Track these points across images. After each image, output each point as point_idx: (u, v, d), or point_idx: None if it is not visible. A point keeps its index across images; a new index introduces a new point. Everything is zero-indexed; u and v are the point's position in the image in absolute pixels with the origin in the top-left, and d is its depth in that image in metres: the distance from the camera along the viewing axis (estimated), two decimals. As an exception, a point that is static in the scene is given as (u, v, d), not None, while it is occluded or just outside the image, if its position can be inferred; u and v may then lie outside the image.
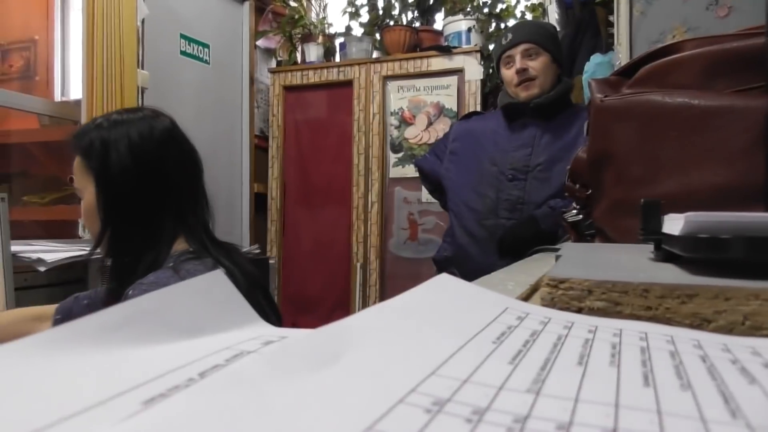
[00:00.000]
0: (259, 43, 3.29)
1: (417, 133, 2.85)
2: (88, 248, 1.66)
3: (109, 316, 0.20)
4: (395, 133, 2.89)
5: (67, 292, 1.27)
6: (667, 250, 0.39)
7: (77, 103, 2.33)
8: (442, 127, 2.79)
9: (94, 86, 2.17)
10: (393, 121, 2.90)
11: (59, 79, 2.57)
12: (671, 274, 0.31)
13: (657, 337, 0.24)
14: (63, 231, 2.29)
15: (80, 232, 2.21)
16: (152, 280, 0.93)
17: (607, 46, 2.23)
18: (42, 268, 1.49)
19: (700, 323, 0.27)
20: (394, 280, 2.85)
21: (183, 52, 2.81)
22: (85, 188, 1.04)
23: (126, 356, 0.19)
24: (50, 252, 1.57)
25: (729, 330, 0.27)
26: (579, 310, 0.29)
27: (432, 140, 2.79)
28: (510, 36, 1.75)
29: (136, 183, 1.00)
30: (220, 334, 0.22)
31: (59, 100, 2.54)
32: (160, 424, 0.13)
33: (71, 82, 2.57)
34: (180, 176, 1.05)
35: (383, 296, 2.83)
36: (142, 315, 0.21)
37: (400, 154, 2.88)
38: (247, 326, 0.24)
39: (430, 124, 2.83)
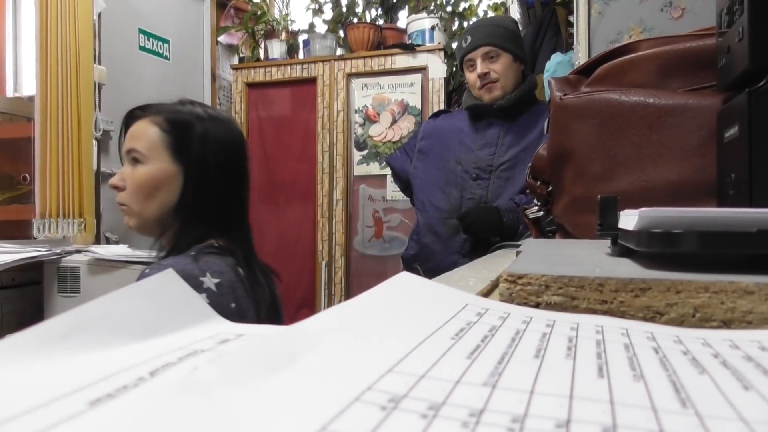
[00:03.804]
0: (221, 39, 3.25)
1: (381, 131, 2.85)
2: (42, 249, 1.61)
3: (53, 326, 0.19)
4: (360, 130, 2.89)
5: (21, 295, 1.23)
6: (623, 245, 0.40)
7: (30, 99, 2.26)
8: (406, 124, 2.80)
9: (48, 82, 2.10)
10: (357, 118, 2.89)
11: (11, 74, 2.48)
12: (626, 269, 0.32)
13: (612, 330, 0.25)
14: (17, 231, 2.22)
15: (35, 232, 2.14)
16: (170, 263, 0.94)
17: (567, 46, 2.27)
18: (-6, 270, 1.44)
19: (652, 316, 0.28)
20: (360, 277, 2.85)
21: (142, 48, 2.75)
22: (156, 161, 1.02)
23: (73, 363, 0.18)
24: (3, 253, 1.51)
25: (680, 322, 0.27)
26: (537, 305, 0.30)
27: (396, 138, 2.80)
28: (469, 38, 1.74)
29: (218, 180, 1.06)
30: (175, 334, 0.22)
31: (12, 95, 2.45)
32: (107, 428, 0.13)
33: (24, 77, 2.49)
34: (242, 184, 1.13)
35: (349, 294, 2.82)
36: (91, 322, 0.20)
37: (365, 152, 2.88)
38: (201, 324, 0.23)
39: (394, 121, 2.83)
